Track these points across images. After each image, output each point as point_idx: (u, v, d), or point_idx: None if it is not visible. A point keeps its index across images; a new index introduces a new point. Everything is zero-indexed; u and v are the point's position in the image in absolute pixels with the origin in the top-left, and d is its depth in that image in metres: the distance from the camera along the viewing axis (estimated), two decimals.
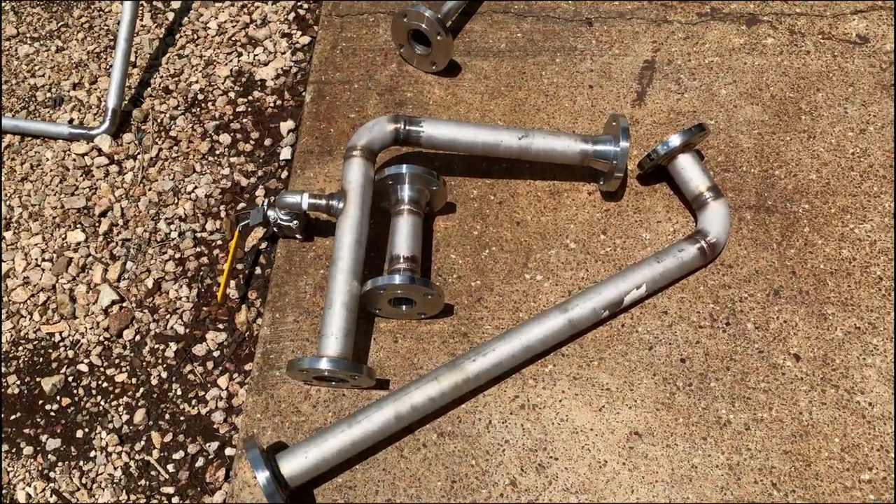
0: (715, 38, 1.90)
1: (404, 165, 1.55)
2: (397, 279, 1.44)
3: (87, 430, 1.59)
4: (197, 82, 2.06)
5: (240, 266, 1.75)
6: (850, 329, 1.52)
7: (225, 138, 1.95)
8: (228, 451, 1.55)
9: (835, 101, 1.78)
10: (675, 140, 1.56)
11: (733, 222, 1.64)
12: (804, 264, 1.59)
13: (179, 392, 1.62)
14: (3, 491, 1.53)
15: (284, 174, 1.88)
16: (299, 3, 2.16)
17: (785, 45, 1.87)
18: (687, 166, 1.60)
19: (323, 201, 1.55)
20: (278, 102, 2.00)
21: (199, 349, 1.66)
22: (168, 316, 1.71)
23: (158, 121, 1.99)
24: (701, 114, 1.79)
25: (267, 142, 1.94)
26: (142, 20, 2.18)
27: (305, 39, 2.10)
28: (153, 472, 1.54)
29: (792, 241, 1.62)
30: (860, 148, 1.72)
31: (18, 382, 1.65)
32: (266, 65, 2.07)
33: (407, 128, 1.59)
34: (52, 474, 1.55)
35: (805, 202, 1.66)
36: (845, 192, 1.66)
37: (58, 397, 1.63)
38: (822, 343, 1.51)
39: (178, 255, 1.78)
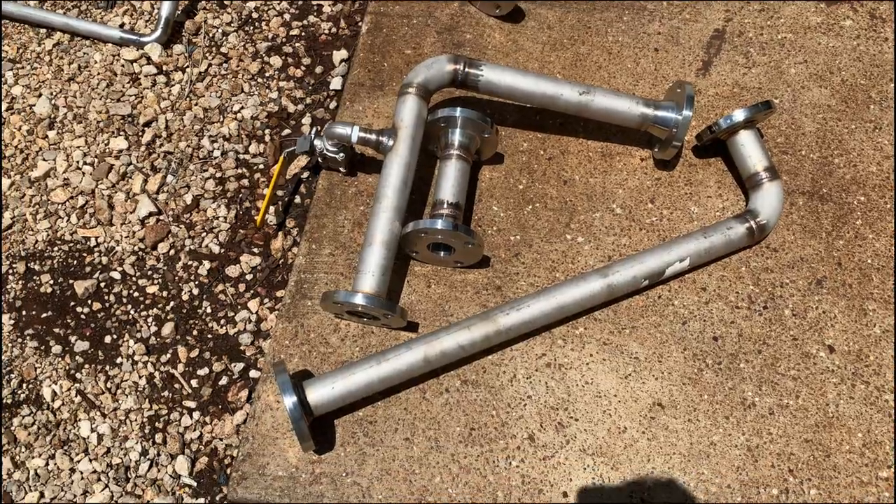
0: (791, 13, 1.83)
1: (458, 108, 1.52)
2: (440, 224, 1.42)
3: (115, 336, 1.61)
4: None
5: (280, 193, 1.74)
6: (888, 327, 1.49)
7: (276, 61, 1.91)
8: (253, 374, 1.57)
9: None
10: (740, 115, 1.51)
11: (785, 206, 1.60)
12: (851, 257, 1.56)
13: (209, 310, 1.63)
14: (30, 386, 1.56)
15: (333, 105, 1.85)
16: None
17: (863, 30, 1.80)
18: (747, 143, 1.55)
19: (373, 136, 1.53)
20: (333, 30, 1.96)
21: (232, 270, 1.67)
22: (204, 234, 1.71)
23: (210, 35, 1.96)
24: (766, 91, 1.74)
25: (318, 69, 1.91)
26: None
27: None
28: (177, 385, 1.57)
29: (842, 232, 1.58)
30: None
31: (52, 282, 1.67)
32: None
33: (466, 70, 1.55)
34: (78, 375, 1.58)
35: (861, 194, 1.62)
36: None
37: (89, 301, 1.65)
38: (859, 338, 1.49)
39: (218, 175, 1.77)
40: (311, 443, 1.31)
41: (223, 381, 1.56)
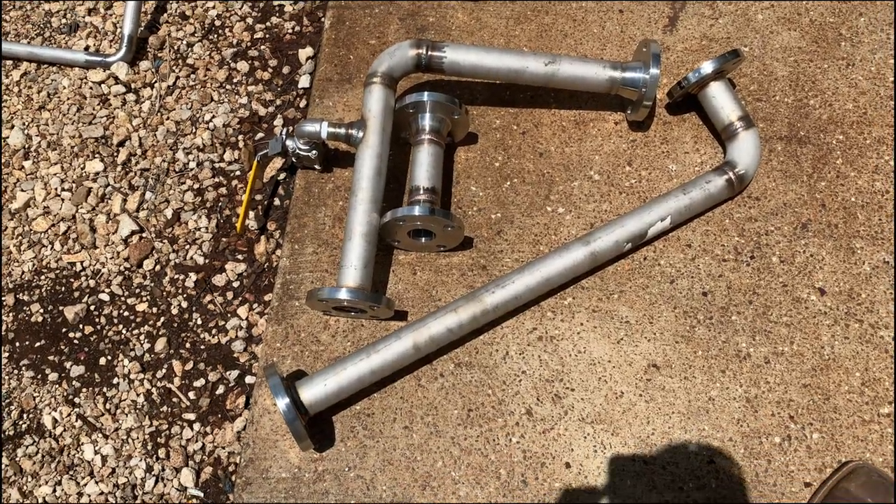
0: None
1: (425, 93, 1.51)
2: (417, 210, 1.41)
3: (109, 357, 1.62)
4: (214, 8, 2.01)
5: (258, 197, 1.74)
6: (878, 263, 1.48)
7: (242, 66, 1.91)
8: (248, 379, 1.57)
9: (877, 27, 1.70)
10: (707, 67, 1.49)
11: (763, 154, 1.59)
12: (834, 197, 1.54)
13: (199, 321, 1.64)
14: (31, 416, 1.57)
15: (303, 103, 1.84)
16: None
17: None
18: (718, 95, 1.54)
19: (342, 130, 1.52)
20: (297, 29, 1.95)
21: (218, 279, 1.67)
22: (187, 246, 1.71)
23: (175, 48, 1.96)
24: (735, 40, 1.71)
25: (285, 70, 1.90)
26: None
27: None
28: (174, 399, 1.57)
29: (823, 173, 1.57)
30: None
31: (42, 311, 1.68)
32: None
33: (429, 53, 1.54)
34: (76, 400, 1.58)
35: (839, 133, 1.60)
36: (882, 123, 1.60)
37: (80, 326, 1.65)
38: (849, 277, 1.47)
39: (196, 186, 1.77)
40: (309, 442, 1.31)
41: (220, 389, 1.57)
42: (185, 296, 1.66)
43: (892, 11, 1.71)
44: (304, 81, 1.87)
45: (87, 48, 1.99)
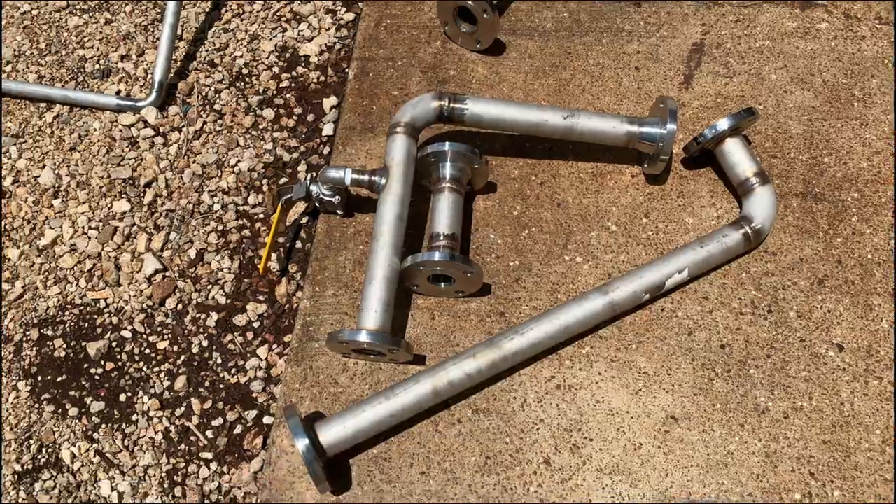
0: (767, 21, 1.86)
1: (447, 143, 1.55)
2: (437, 256, 1.44)
3: (129, 394, 1.63)
4: (242, 56, 2.07)
5: (281, 239, 1.77)
6: None
7: (268, 113, 1.96)
8: (266, 420, 1.58)
9: (889, 88, 1.74)
10: (724, 124, 1.53)
11: (779, 209, 1.61)
12: (851, 254, 1.56)
13: (219, 361, 1.65)
14: (50, 450, 1.58)
15: (326, 150, 1.89)
16: None
17: (839, 30, 1.83)
18: (734, 151, 1.57)
19: (366, 177, 1.56)
20: (321, 78, 2.01)
21: (239, 319, 1.69)
22: (210, 286, 1.73)
23: (203, 94, 2.02)
24: (749, 98, 1.76)
25: (310, 117, 1.95)
26: None
27: (350, 16, 2.11)
28: (192, 438, 1.58)
29: (839, 230, 1.59)
30: None
31: (64, 346, 1.70)
32: (310, 41, 2.08)
33: (451, 105, 1.59)
34: (95, 435, 1.59)
35: (854, 191, 1.63)
36: None
37: (102, 362, 1.67)
38: (867, 334, 1.48)
39: (220, 227, 1.81)
40: (327, 484, 1.32)
41: (238, 429, 1.58)
42: (205, 335, 1.68)
43: None
44: (327, 129, 1.92)
45: (118, 93, 2.06)
